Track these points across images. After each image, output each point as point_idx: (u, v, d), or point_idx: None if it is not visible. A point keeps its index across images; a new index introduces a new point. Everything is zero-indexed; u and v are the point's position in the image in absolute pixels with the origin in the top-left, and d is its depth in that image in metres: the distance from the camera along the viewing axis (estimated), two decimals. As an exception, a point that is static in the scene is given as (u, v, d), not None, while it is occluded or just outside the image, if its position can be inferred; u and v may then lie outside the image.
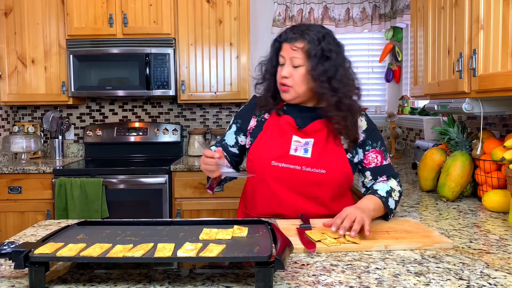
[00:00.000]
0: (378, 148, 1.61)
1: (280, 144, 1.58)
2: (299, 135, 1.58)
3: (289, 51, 1.55)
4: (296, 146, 1.57)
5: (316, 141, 1.57)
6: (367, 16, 3.74)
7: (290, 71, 1.55)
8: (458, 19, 1.79)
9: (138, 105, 3.86)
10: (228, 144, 1.71)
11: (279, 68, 1.59)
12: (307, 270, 1.08)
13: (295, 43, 1.54)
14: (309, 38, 1.53)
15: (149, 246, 1.03)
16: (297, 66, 1.54)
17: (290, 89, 1.56)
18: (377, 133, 1.64)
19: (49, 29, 3.42)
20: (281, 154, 1.56)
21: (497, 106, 1.80)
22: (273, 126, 1.62)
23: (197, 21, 3.43)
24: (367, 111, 3.87)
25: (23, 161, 3.40)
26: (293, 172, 1.55)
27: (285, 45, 1.57)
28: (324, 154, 1.56)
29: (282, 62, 1.58)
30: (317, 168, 1.54)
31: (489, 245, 1.28)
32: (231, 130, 1.72)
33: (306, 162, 1.55)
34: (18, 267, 0.95)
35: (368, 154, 1.61)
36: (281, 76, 1.57)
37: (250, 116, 1.69)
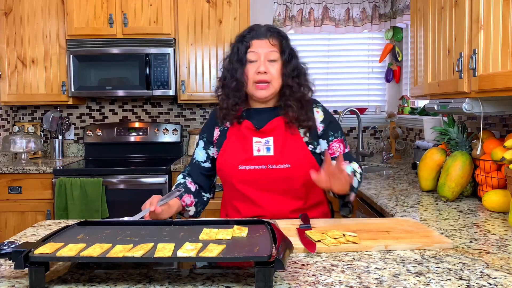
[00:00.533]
0: (339, 138, 1.69)
1: (243, 148, 1.62)
2: (259, 136, 1.62)
3: (264, 46, 1.58)
4: (258, 146, 1.61)
5: (276, 138, 1.61)
6: (367, 16, 3.74)
7: (267, 66, 1.57)
8: (458, 19, 1.79)
9: (138, 105, 3.86)
10: (199, 161, 1.72)
11: (249, 66, 1.59)
12: (307, 270, 1.08)
13: (271, 39, 1.59)
14: (282, 35, 1.63)
15: (149, 246, 1.03)
16: (274, 61, 1.58)
17: (269, 85, 1.59)
18: (336, 124, 1.71)
19: (49, 29, 3.42)
20: (246, 158, 1.60)
21: (497, 106, 1.80)
22: (235, 133, 1.65)
23: (197, 21, 3.43)
24: (367, 111, 3.87)
25: (23, 161, 3.40)
26: (260, 172, 1.58)
27: (257, 41, 1.58)
28: (286, 149, 1.60)
29: (254, 58, 1.58)
30: (282, 164, 1.58)
31: (489, 245, 1.28)
32: (199, 146, 1.73)
33: (270, 160, 1.59)
34: (18, 267, 0.95)
35: (332, 144, 1.68)
36: (257, 72, 1.57)
37: (213, 128, 1.71)
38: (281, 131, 1.62)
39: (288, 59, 1.60)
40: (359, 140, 3.44)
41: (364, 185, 2.33)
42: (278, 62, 1.59)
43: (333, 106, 3.92)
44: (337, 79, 3.96)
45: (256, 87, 1.59)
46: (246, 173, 1.59)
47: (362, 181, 1.66)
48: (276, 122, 1.62)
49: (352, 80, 3.97)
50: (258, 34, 1.60)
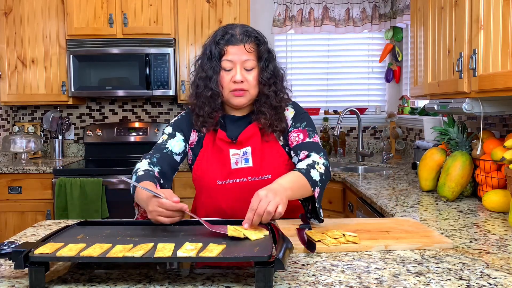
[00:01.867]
0: (301, 128, 1.56)
1: (220, 161, 1.54)
2: (235, 147, 1.54)
3: (240, 54, 1.47)
4: (235, 159, 1.53)
5: (253, 147, 1.53)
6: (367, 16, 3.74)
7: (244, 75, 1.48)
8: (458, 19, 1.79)
9: (138, 105, 3.86)
10: (174, 152, 1.55)
11: (224, 74, 1.49)
12: (307, 270, 1.08)
13: (248, 44, 1.48)
14: (259, 39, 1.51)
15: (149, 246, 1.03)
16: (250, 69, 1.49)
17: (246, 93, 1.50)
18: (303, 116, 1.60)
19: (49, 29, 3.42)
20: (224, 172, 1.53)
21: (497, 106, 1.80)
22: (211, 143, 1.56)
23: (197, 21, 3.43)
24: (367, 111, 3.87)
25: (23, 161, 3.40)
26: (241, 186, 1.51)
27: (232, 48, 1.47)
28: (265, 158, 1.54)
29: (229, 67, 1.48)
30: (262, 175, 1.52)
31: (489, 245, 1.28)
32: (177, 137, 1.56)
33: (250, 172, 1.52)
34: (18, 267, 0.95)
35: (290, 134, 1.57)
36: (233, 81, 1.47)
37: (190, 129, 1.59)
38: (257, 139, 1.54)
39: (265, 66, 1.50)
40: (359, 140, 3.44)
41: (364, 185, 2.33)
42: (255, 70, 1.50)
43: (333, 106, 3.92)
44: (337, 79, 3.96)
45: (234, 94, 1.50)
46: (225, 188, 1.52)
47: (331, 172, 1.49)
48: (250, 131, 1.54)
49: (352, 80, 3.97)
50: (233, 40, 1.47)
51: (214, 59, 1.49)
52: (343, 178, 2.69)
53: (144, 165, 1.47)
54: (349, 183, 2.51)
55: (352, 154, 3.79)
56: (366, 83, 3.97)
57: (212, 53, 1.50)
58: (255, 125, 1.55)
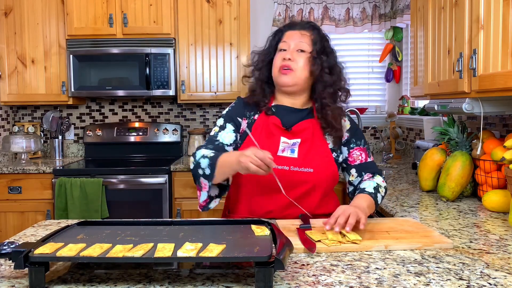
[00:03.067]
0: (362, 146, 1.67)
1: (268, 145, 1.57)
2: (287, 136, 1.59)
3: (296, 36, 1.59)
4: (284, 147, 1.58)
5: (303, 141, 1.58)
6: (367, 16, 3.74)
7: (294, 55, 1.57)
8: (458, 19, 1.79)
9: (138, 105, 3.86)
10: (225, 143, 1.61)
11: (278, 54, 1.60)
12: (307, 270, 1.08)
13: (304, 30, 1.61)
14: (317, 30, 1.64)
15: (149, 246, 1.03)
16: (302, 51, 1.58)
17: (292, 73, 1.57)
18: (360, 132, 1.70)
19: (49, 29, 3.42)
20: None
21: (497, 106, 1.80)
22: (261, 127, 1.61)
23: (197, 21, 3.43)
24: (367, 111, 3.87)
25: (23, 161, 3.40)
26: (281, 172, 1.54)
27: (290, 32, 1.61)
28: (311, 153, 1.58)
29: (284, 47, 1.60)
30: (305, 167, 1.56)
31: (489, 245, 1.28)
32: (227, 129, 1.63)
33: (293, 162, 1.56)
34: (18, 267, 0.95)
35: (353, 151, 1.65)
36: (282, 59, 1.58)
37: (241, 118, 1.65)
38: (309, 134, 1.59)
39: (319, 52, 1.59)
40: (359, 140, 3.44)
41: (364, 185, 2.33)
42: (306, 53, 1.58)
43: (333, 106, 3.92)
44: (337, 79, 3.95)
45: (281, 72, 1.58)
46: None
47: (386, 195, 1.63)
48: (305, 124, 1.59)
49: (352, 80, 3.93)
50: (292, 26, 1.63)
51: (274, 43, 1.65)
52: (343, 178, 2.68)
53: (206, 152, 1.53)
54: (349, 183, 2.51)
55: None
56: (366, 83, 3.97)
57: (275, 39, 1.65)
58: (311, 121, 1.61)
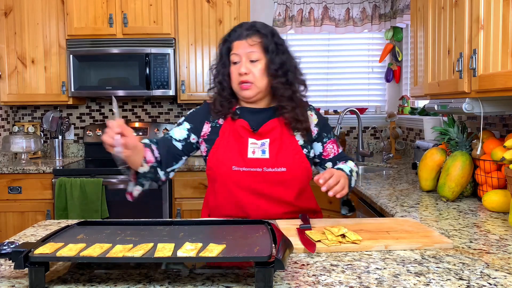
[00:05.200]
0: (332, 138, 1.71)
1: (237, 148, 1.57)
2: (255, 137, 1.58)
3: (245, 47, 1.55)
4: (253, 148, 1.57)
5: (272, 140, 1.58)
6: (367, 16, 3.74)
7: (248, 67, 1.55)
8: (458, 19, 1.79)
9: (138, 105, 3.86)
10: (174, 137, 1.61)
11: (232, 68, 1.58)
12: (307, 270, 1.08)
13: (251, 38, 1.56)
14: (263, 32, 1.57)
15: (149, 246, 1.03)
16: (255, 61, 1.55)
17: (252, 85, 1.56)
18: (328, 125, 1.72)
19: (49, 29, 3.42)
20: (240, 159, 1.56)
21: (497, 106, 1.80)
22: (229, 131, 1.60)
23: (197, 21, 3.43)
24: (367, 111, 3.87)
25: (23, 161, 3.40)
26: (255, 175, 1.54)
27: (237, 42, 1.57)
28: (282, 152, 1.58)
29: (236, 60, 1.57)
30: (278, 167, 1.56)
31: (489, 245, 1.28)
32: (182, 126, 1.64)
33: (265, 163, 1.55)
34: (18, 267, 0.95)
35: (327, 146, 1.69)
36: (239, 74, 1.55)
37: (203, 121, 1.64)
38: (277, 133, 1.59)
39: (273, 58, 1.56)
40: (359, 140, 3.44)
41: (364, 185, 2.33)
42: (261, 62, 1.55)
43: (333, 106, 3.92)
44: (337, 79, 3.96)
45: (241, 87, 1.57)
46: (240, 175, 1.55)
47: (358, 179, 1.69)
48: (272, 124, 1.59)
49: (352, 80, 3.97)
50: (238, 35, 1.57)
51: (224, 55, 1.61)
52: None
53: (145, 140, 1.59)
54: (349, 183, 2.51)
55: (352, 154, 3.79)
56: (366, 83, 3.97)
57: (223, 51, 1.61)
58: (277, 120, 1.60)
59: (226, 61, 1.60)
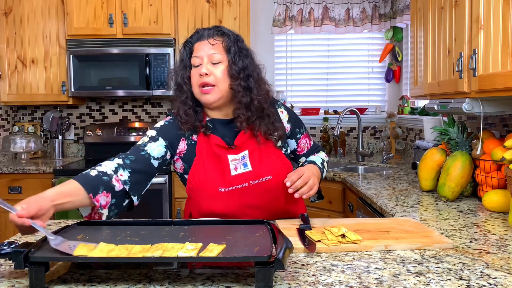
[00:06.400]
0: (305, 132, 1.71)
1: (219, 168, 1.51)
2: (233, 153, 1.52)
3: (207, 48, 1.48)
4: (234, 165, 1.51)
5: (251, 151, 1.52)
6: (367, 16, 3.74)
7: (209, 68, 1.47)
8: (458, 19, 1.79)
9: (138, 105, 3.86)
10: (152, 156, 1.48)
11: (193, 71, 1.50)
12: (307, 270, 1.08)
13: (213, 38, 1.49)
14: (226, 34, 1.52)
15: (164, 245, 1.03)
16: (217, 63, 1.48)
17: (213, 89, 1.47)
18: (298, 119, 1.70)
19: (49, 29, 3.42)
20: (225, 179, 1.50)
21: (497, 106, 1.80)
22: (206, 150, 1.52)
23: (197, 21, 3.43)
24: (367, 111, 3.87)
25: (23, 161, 3.40)
26: (242, 191, 1.50)
27: (199, 44, 1.50)
28: (264, 161, 1.53)
29: (197, 63, 1.49)
30: (263, 177, 1.51)
31: (489, 245, 1.28)
32: (158, 142, 1.50)
33: (250, 176, 1.50)
34: (18, 267, 0.95)
35: (300, 141, 1.69)
36: (199, 75, 1.47)
37: (179, 138, 1.54)
38: (252, 142, 1.53)
39: (234, 59, 1.48)
40: (359, 140, 3.44)
41: (364, 185, 2.33)
42: (223, 63, 1.48)
43: (333, 106, 3.92)
44: (337, 79, 3.96)
45: (201, 91, 1.48)
46: (228, 195, 1.49)
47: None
48: (245, 135, 1.53)
49: (352, 80, 3.97)
50: (200, 36, 1.51)
51: (185, 58, 1.54)
52: (343, 178, 2.69)
53: (111, 165, 1.42)
54: (349, 183, 2.51)
55: (352, 154, 3.79)
56: (366, 83, 3.97)
57: (184, 54, 1.55)
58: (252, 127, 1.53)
59: (188, 64, 1.52)
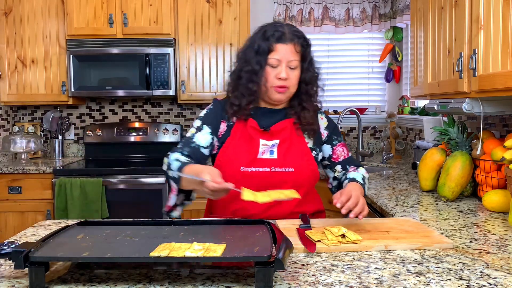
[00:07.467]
0: (342, 142, 1.72)
1: (248, 149, 1.57)
2: (266, 138, 1.58)
3: (287, 53, 1.53)
4: (263, 149, 1.58)
5: (281, 141, 1.59)
6: (367, 16, 3.74)
7: (288, 73, 1.54)
8: (458, 19, 1.79)
9: (138, 105, 3.86)
10: (201, 145, 1.58)
11: (269, 70, 1.54)
12: (307, 270, 1.08)
13: (293, 44, 1.54)
14: (308, 43, 1.59)
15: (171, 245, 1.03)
16: (294, 68, 1.55)
17: (287, 90, 1.56)
18: (338, 129, 1.75)
19: (49, 29, 3.42)
20: (250, 159, 1.56)
21: (497, 106, 1.80)
22: (241, 131, 1.60)
23: (197, 21, 3.43)
24: (367, 111, 3.87)
25: (23, 161, 3.40)
26: (263, 175, 1.55)
27: (281, 46, 1.53)
28: (290, 153, 1.59)
29: (275, 64, 1.53)
30: (285, 167, 1.56)
31: (489, 245, 1.28)
32: (203, 131, 1.60)
33: (273, 163, 1.56)
34: (18, 267, 0.95)
35: (336, 148, 1.70)
36: (278, 78, 1.53)
37: (219, 121, 1.62)
38: (287, 133, 1.59)
39: (308, 66, 1.59)
40: (359, 140, 3.44)
41: (364, 185, 2.33)
42: (298, 69, 1.57)
43: (333, 106, 3.92)
44: (337, 79, 3.96)
45: (275, 90, 1.55)
46: (248, 175, 1.54)
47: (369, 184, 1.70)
48: (284, 124, 1.60)
49: (352, 80, 3.97)
50: (283, 38, 1.53)
51: (261, 54, 1.54)
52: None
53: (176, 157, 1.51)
54: (349, 183, 2.51)
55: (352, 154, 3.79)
56: (366, 83, 3.97)
57: (261, 48, 1.54)
58: (288, 121, 1.61)
59: (263, 61, 1.54)
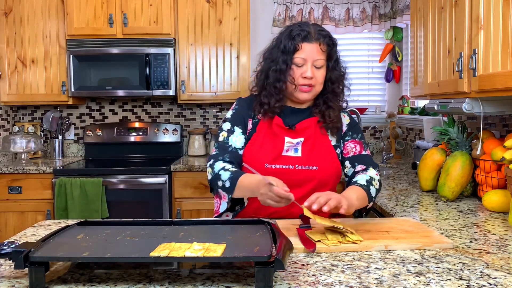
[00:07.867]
0: (358, 139, 1.68)
1: (273, 146, 1.59)
2: (291, 136, 1.61)
3: (313, 53, 1.54)
4: (288, 147, 1.60)
5: (306, 139, 1.61)
6: (367, 16, 3.74)
7: (313, 72, 1.56)
8: (458, 19, 1.79)
9: (138, 105, 3.86)
10: (237, 148, 1.62)
11: (295, 69, 1.56)
12: (307, 270, 1.08)
13: (319, 43, 1.55)
14: (334, 42, 1.60)
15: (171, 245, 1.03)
16: (319, 67, 1.57)
17: (312, 89, 1.58)
18: (358, 128, 1.73)
19: (49, 29, 3.42)
20: (274, 157, 1.58)
21: (497, 106, 1.80)
22: (266, 128, 1.63)
23: (197, 21, 3.43)
24: (367, 111, 3.87)
25: (23, 161, 3.40)
26: (287, 172, 1.56)
27: (306, 45, 1.54)
28: (314, 151, 1.60)
29: (301, 63, 1.55)
30: (310, 165, 1.58)
31: (489, 245, 1.28)
32: (236, 132, 1.64)
33: (297, 161, 1.58)
34: (18, 267, 0.95)
35: (347, 144, 1.68)
36: (303, 77, 1.55)
37: (247, 119, 1.66)
38: (311, 132, 1.61)
39: (334, 65, 1.60)
40: (359, 140, 3.44)
41: (364, 185, 2.33)
42: (323, 68, 1.58)
43: (333, 106, 3.92)
44: (337, 79, 3.95)
45: (300, 89, 1.57)
46: (272, 172, 1.55)
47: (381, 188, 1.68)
48: (309, 122, 1.62)
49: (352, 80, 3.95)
50: (309, 37, 1.54)
51: (287, 53, 1.56)
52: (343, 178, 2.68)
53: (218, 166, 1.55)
54: (349, 183, 2.51)
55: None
56: (366, 83, 3.97)
57: (287, 47, 1.56)
58: (313, 119, 1.63)
59: (289, 60, 1.56)
